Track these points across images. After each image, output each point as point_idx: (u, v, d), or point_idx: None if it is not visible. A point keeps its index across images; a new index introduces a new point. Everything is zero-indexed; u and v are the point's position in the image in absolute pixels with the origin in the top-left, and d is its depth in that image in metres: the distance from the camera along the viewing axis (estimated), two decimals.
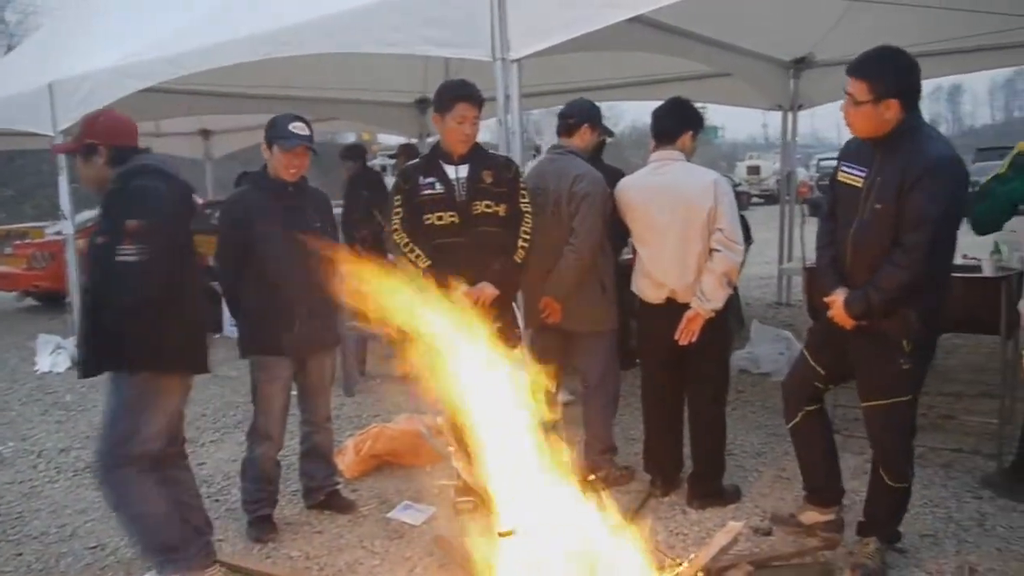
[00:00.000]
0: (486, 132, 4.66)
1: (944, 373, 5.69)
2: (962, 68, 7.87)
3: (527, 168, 4.26)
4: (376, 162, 17.86)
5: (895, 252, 2.87)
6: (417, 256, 3.67)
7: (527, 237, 3.74)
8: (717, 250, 3.58)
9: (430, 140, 4.14)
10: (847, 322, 3.03)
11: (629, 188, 3.82)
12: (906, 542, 3.29)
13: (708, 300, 3.59)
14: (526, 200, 3.78)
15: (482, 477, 2.52)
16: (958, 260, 4.55)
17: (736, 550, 3.09)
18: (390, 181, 6.17)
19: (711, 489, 3.80)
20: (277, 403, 3.70)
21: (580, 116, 4.11)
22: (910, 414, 3.10)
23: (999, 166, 3.97)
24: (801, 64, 7.79)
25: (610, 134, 4.99)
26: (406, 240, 3.71)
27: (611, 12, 4.02)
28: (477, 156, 3.74)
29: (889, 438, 3.12)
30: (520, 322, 3.96)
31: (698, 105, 3.88)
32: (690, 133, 3.78)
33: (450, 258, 3.63)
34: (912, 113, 2.90)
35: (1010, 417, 4.49)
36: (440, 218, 3.67)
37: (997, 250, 4.74)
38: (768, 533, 3.50)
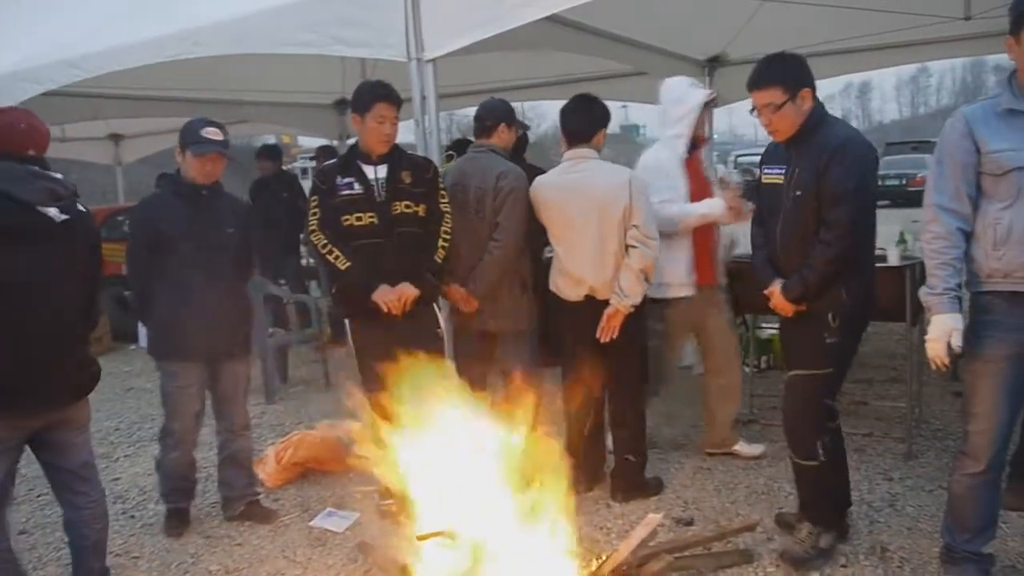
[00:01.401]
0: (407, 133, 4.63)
1: (857, 360, 5.86)
2: (870, 65, 8.14)
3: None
4: (296, 165, 17.57)
5: (821, 231, 3.01)
6: (336, 257, 3.63)
7: (447, 237, 3.74)
8: (633, 246, 3.63)
9: (350, 142, 4.09)
10: (787, 309, 3.15)
11: (545, 187, 3.84)
12: None
13: (627, 296, 3.64)
14: (445, 200, 3.77)
15: (401, 481, 2.49)
16: None
17: (658, 541, 3.13)
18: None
19: (634, 482, 3.85)
20: (188, 408, 3.65)
21: (495, 116, 4.11)
22: (826, 389, 3.16)
23: None
24: (715, 63, 7.94)
25: (525, 127, 5.01)
26: (324, 241, 3.66)
27: (524, 11, 4.02)
28: (396, 156, 3.73)
29: (799, 410, 3.20)
30: (442, 322, 3.95)
31: (619, 104, 3.92)
32: (603, 131, 3.83)
33: (370, 259, 3.61)
34: (817, 103, 3.07)
35: (918, 401, 4.68)
36: (359, 219, 3.64)
37: (902, 239, 4.92)
38: (690, 523, 3.57)
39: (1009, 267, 2.59)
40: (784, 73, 3.03)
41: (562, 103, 3.91)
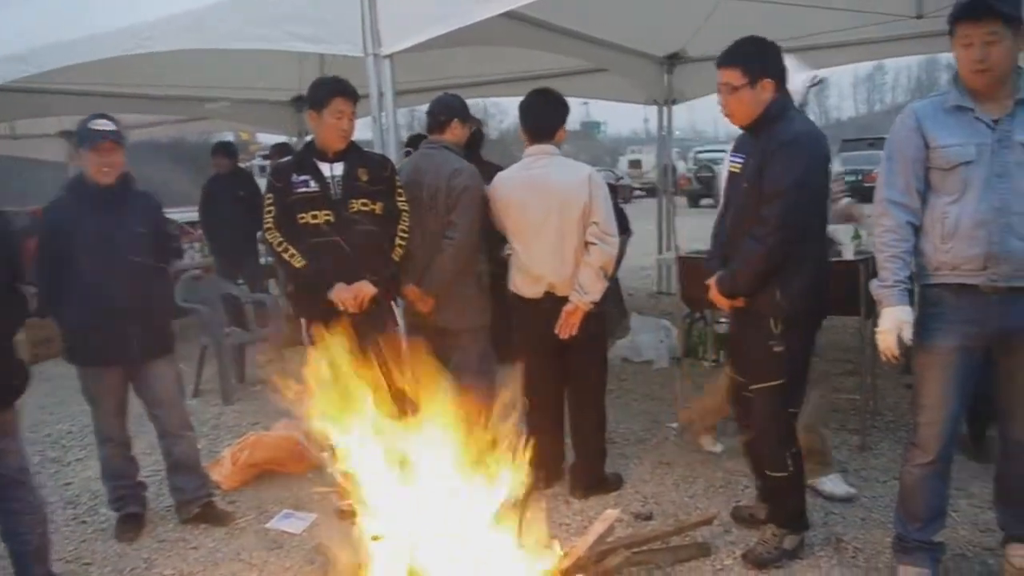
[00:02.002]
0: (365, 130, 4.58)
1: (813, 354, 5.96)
2: (826, 63, 8.25)
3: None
4: (254, 162, 17.36)
5: (754, 226, 2.97)
6: (292, 256, 3.59)
7: (405, 235, 3.72)
8: (593, 243, 3.63)
9: (308, 139, 4.04)
10: (721, 301, 3.15)
11: (505, 183, 3.83)
12: None
13: (586, 293, 3.64)
14: (403, 198, 3.75)
15: (354, 481, 2.47)
16: None
17: (616, 536, 3.14)
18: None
19: (593, 478, 3.86)
20: (108, 406, 3.65)
21: (448, 112, 4.08)
22: (784, 400, 3.07)
23: None
24: (674, 59, 8.01)
25: (479, 124, 5.00)
26: (279, 240, 3.62)
27: (483, 7, 4.01)
28: (352, 154, 3.69)
29: (765, 425, 3.13)
30: (400, 320, 3.93)
31: (580, 101, 3.93)
32: (563, 127, 3.83)
33: (326, 257, 3.58)
34: (782, 95, 3.03)
35: (872, 394, 4.76)
36: (315, 217, 3.60)
37: (857, 235, 4.99)
38: (648, 518, 3.58)
39: (956, 260, 2.63)
40: (749, 58, 2.98)
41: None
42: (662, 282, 9.11)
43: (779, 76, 3.02)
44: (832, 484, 3.71)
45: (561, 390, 3.90)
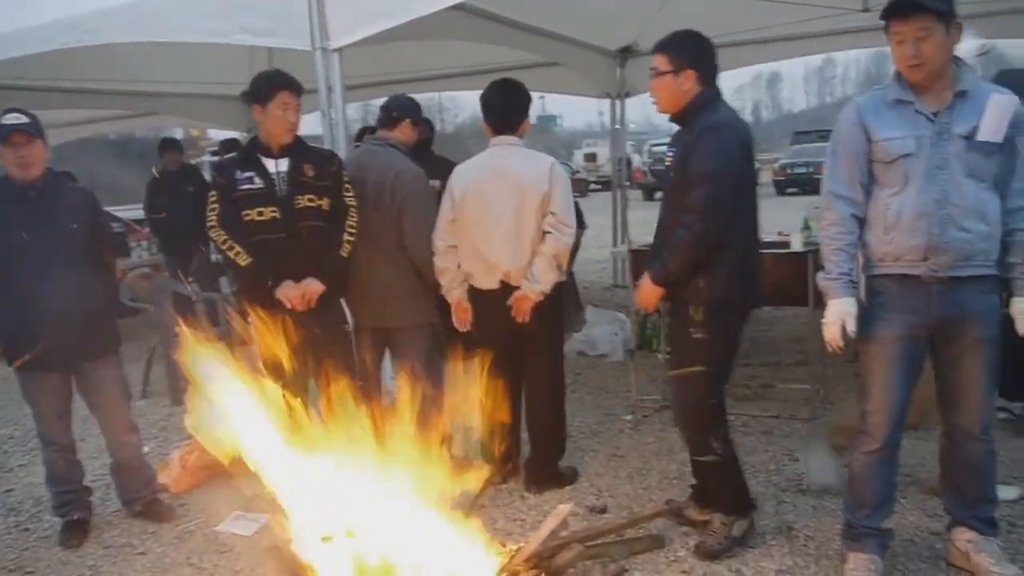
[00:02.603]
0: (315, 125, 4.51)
1: (766, 344, 6.06)
2: (778, 56, 8.37)
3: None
4: (204, 158, 17.06)
5: (682, 215, 3.00)
6: (237, 254, 3.54)
7: (353, 231, 3.68)
8: (549, 232, 3.63)
9: (253, 135, 3.98)
10: (648, 297, 3.15)
11: (467, 173, 3.78)
12: None
13: (537, 282, 3.63)
14: (350, 194, 3.71)
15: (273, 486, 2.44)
16: (773, 237, 4.87)
17: (571, 530, 3.14)
18: None
19: (548, 473, 3.85)
20: (50, 410, 3.56)
21: (402, 110, 4.05)
22: (705, 387, 3.09)
23: None
24: (627, 53, 8.04)
25: (431, 131, 4.97)
26: (225, 237, 3.56)
27: (431, 1, 3.99)
28: (298, 149, 3.65)
29: (684, 409, 3.21)
30: (348, 318, 3.88)
31: (536, 95, 3.93)
32: (527, 119, 3.83)
33: (273, 255, 3.53)
34: (709, 88, 3.06)
35: (822, 383, 4.84)
36: (261, 213, 3.55)
37: (807, 226, 5.07)
38: (603, 511, 3.59)
39: (899, 251, 2.67)
40: (677, 46, 3.05)
41: (479, 92, 3.86)
42: (617, 275, 9.15)
43: (704, 69, 3.05)
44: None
45: (518, 384, 3.88)
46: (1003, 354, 2.79)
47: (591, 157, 30.68)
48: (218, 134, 12.27)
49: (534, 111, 3.94)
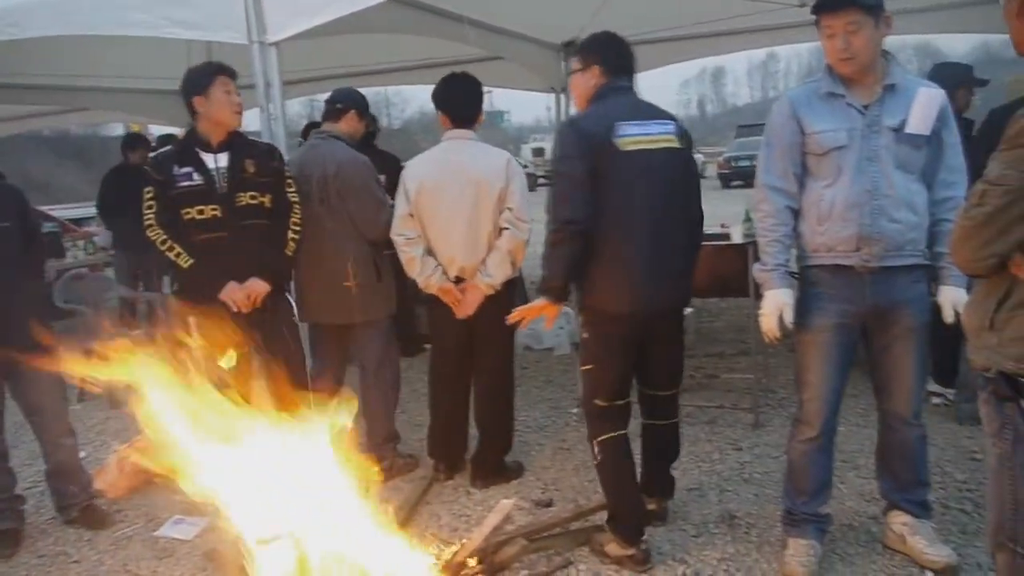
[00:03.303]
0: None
1: (710, 335, 6.14)
2: (720, 50, 8.44)
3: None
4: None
5: None
6: (178, 255, 3.43)
7: (297, 228, 3.62)
8: (505, 227, 3.62)
9: (189, 128, 3.88)
10: (543, 305, 3.01)
11: (421, 166, 3.74)
12: (675, 497, 3.42)
13: (490, 275, 3.62)
14: (293, 189, 3.64)
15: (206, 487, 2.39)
16: (715, 229, 4.93)
17: (517, 525, 3.14)
18: None
19: (493, 468, 3.84)
20: None
21: (347, 102, 4.01)
22: (589, 387, 3.06)
23: None
24: (570, 47, 8.02)
25: (375, 125, 4.92)
26: (163, 237, 3.45)
27: None
28: (238, 144, 3.55)
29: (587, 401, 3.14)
30: (296, 315, 3.82)
31: (484, 89, 3.91)
32: (482, 112, 3.84)
33: (215, 255, 3.43)
34: (609, 80, 3.03)
35: (764, 372, 4.91)
36: (201, 212, 3.44)
37: (748, 218, 5.13)
38: (549, 504, 3.59)
39: (832, 241, 2.72)
40: (587, 45, 3.11)
41: (426, 87, 3.84)
42: None
43: (606, 62, 3.02)
44: None
45: (468, 381, 3.87)
46: (935, 341, 2.86)
47: (539, 152, 30.83)
48: (158, 130, 11.99)
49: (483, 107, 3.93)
